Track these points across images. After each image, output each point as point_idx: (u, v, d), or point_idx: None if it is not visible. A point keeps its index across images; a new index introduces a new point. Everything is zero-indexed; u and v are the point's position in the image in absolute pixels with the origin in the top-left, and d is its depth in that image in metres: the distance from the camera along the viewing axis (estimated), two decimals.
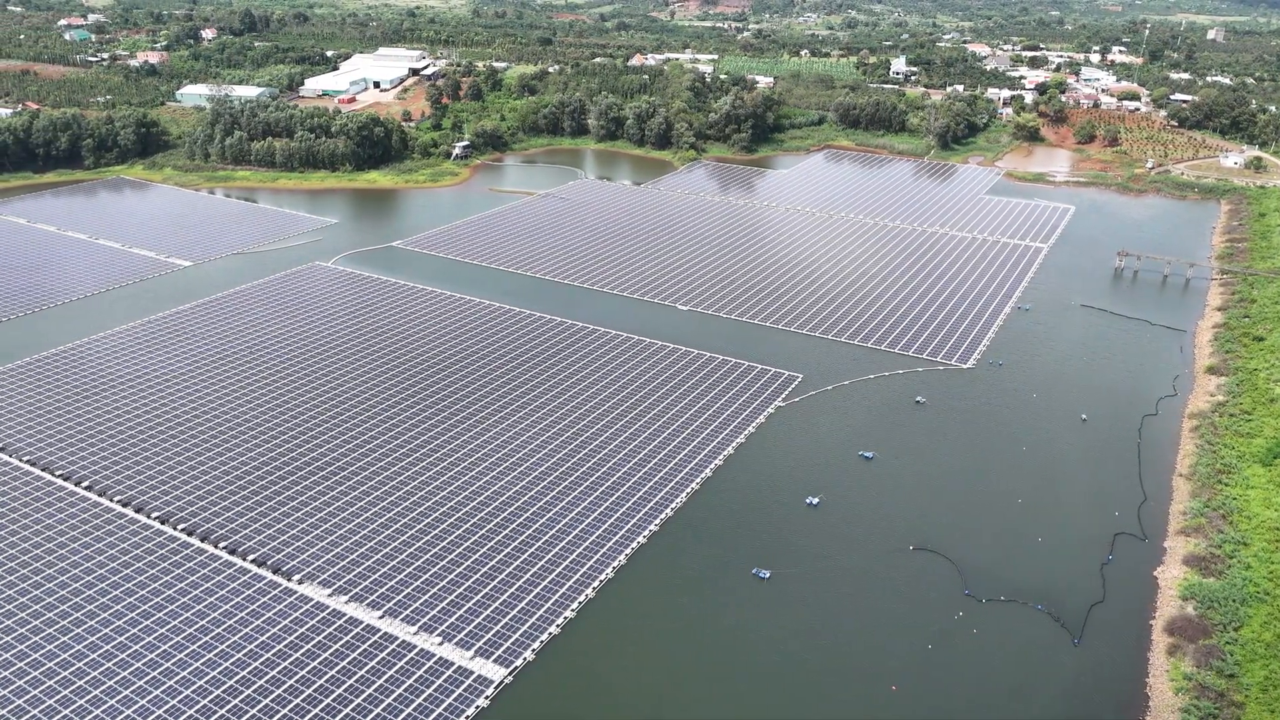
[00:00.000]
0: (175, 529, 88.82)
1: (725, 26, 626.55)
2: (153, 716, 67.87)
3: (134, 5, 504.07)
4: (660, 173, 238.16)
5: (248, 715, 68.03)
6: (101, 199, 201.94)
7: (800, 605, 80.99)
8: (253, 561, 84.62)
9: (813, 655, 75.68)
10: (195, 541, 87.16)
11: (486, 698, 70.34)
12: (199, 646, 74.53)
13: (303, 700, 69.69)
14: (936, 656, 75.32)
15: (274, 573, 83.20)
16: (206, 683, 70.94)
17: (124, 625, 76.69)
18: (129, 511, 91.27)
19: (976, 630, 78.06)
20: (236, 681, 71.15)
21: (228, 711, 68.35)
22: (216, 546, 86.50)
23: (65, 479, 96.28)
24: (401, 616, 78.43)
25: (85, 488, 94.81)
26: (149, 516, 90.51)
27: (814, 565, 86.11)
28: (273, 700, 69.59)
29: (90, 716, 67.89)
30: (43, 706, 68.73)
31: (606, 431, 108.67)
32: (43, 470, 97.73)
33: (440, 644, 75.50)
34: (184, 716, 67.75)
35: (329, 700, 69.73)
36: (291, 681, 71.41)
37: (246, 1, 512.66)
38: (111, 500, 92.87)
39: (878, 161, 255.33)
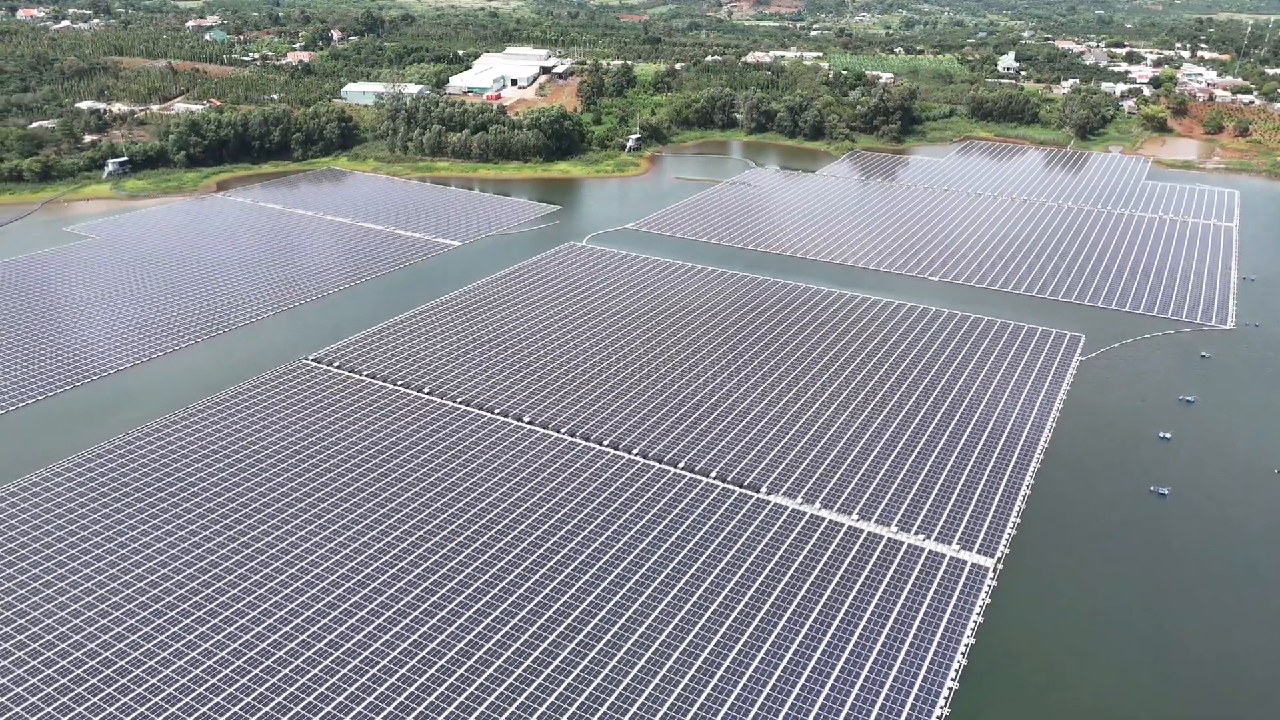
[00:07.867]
0: (630, 454, 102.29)
1: (788, 25, 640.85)
2: (694, 631, 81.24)
3: (234, 6, 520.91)
4: (819, 162, 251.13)
5: (787, 614, 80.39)
6: (329, 187, 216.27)
7: (1209, 513, 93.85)
8: (715, 478, 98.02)
9: (1245, 549, 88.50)
10: (655, 464, 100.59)
11: (993, 579, 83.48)
12: (707, 560, 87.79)
13: (832, 594, 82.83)
14: None
15: (740, 487, 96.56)
16: (732, 590, 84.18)
17: (623, 549, 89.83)
18: (579, 440, 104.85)
19: None
20: (759, 588, 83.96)
21: (768, 612, 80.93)
22: (676, 467, 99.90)
23: (504, 415, 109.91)
24: (874, 519, 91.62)
25: (528, 421, 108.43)
26: (601, 444, 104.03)
27: (1197, 485, 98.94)
28: (804, 599, 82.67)
29: (633, 635, 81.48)
30: (598, 618, 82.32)
31: (946, 374, 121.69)
32: (478, 409, 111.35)
33: (924, 540, 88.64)
34: (730, 620, 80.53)
35: (854, 593, 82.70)
36: (812, 578, 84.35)
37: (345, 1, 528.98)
38: (559, 431, 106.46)
39: (1021, 151, 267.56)
